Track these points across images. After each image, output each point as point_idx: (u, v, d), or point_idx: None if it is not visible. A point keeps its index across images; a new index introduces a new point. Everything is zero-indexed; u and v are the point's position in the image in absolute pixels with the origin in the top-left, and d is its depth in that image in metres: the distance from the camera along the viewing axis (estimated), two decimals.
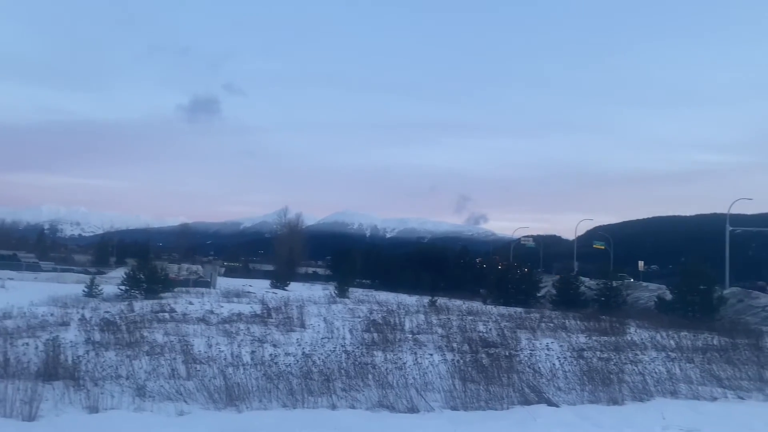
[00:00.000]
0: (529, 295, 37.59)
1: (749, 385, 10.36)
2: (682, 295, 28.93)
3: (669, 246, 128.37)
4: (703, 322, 24.00)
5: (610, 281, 35.22)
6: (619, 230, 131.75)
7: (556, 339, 15.76)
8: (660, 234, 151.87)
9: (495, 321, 19.21)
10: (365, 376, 8.72)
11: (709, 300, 28.15)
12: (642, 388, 9.27)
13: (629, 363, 10.73)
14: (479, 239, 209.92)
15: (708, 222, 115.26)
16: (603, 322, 20.45)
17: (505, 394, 8.33)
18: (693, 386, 9.79)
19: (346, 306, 24.88)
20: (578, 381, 9.32)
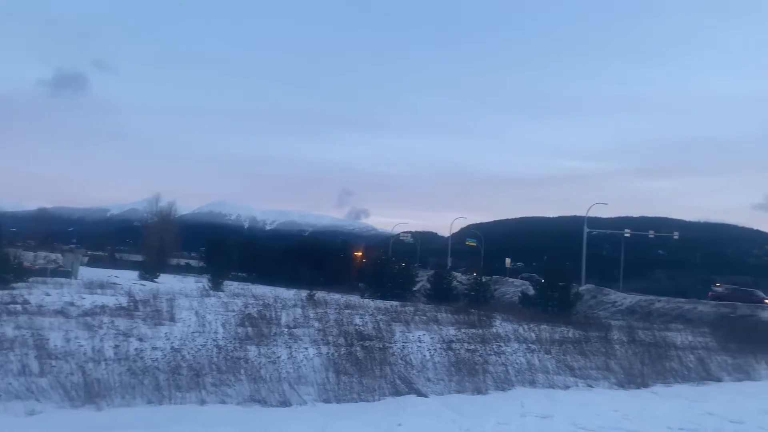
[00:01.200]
0: (405, 289, 38.66)
1: (597, 374, 11.37)
2: (543, 291, 31.06)
3: (534, 244, 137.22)
4: (561, 316, 25.93)
5: (480, 277, 37.04)
6: (490, 229, 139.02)
7: (428, 331, 16.32)
8: (527, 233, 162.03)
9: (371, 314, 19.53)
10: (237, 371, 8.53)
11: (566, 296, 30.46)
12: (504, 378, 9.85)
13: (494, 354, 11.35)
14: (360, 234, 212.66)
15: (569, 223, 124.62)
16: (472, 315, 21.47)
17: (378, 385, 8.51)
18: (549, 376, 10.56)
19: (220, 299, 24.18)
20: (446, 372, 9.72)
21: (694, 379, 11.88)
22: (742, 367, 13.51)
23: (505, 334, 16.40)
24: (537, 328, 17.25)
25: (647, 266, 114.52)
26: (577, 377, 10.90)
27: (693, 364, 12.80)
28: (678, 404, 9.29)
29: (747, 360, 14.18)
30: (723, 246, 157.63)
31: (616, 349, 13.35)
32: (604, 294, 52.94)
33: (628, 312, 43.74)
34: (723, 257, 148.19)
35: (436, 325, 18.14)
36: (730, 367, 13.31)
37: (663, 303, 46.97)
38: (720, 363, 13.47)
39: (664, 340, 15.67)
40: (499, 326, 18.79)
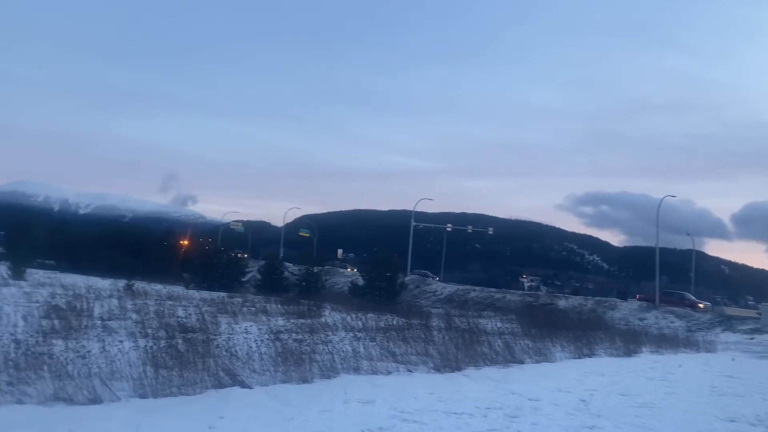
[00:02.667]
0: (234, 280, 37.66)
1: (417, 359, 12.01)
2: (371, 281, 32.12)
3: (366, 236, 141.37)
4: (387, 304, 27.02)
5: (311, 267, 37.27)
6: (323, 220, 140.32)
7: (256, 322, 16.10)
8: (359, 225, 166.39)
9: (196, 306, 18.77)
10: (39, 368, 7.72)
11: (393, 285, 31.80)
12: (330, 366, 10.03)
13: (321, 343, 11.50)
14: (187, 221, 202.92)
15: (398, 217, 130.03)
16: (302, 305, 21.55)
17: (200, 378, 8.21)
18: (373, 362, 10.95)
19: (22, 289, 21.70)
20: (273, 363, 9.66)
21: (501, 362, 13.02)
22: (541, 350, 15.08)
23: (333, 323, 16.69)
24: (364, 317, 17.77)
25: (465, 258, 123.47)
26: (399, 363, 11.42)
27: (500, 348, 14.03)
28: (486, 385, 10.13)
29: (545, 344, 15.85)
30: (530, 241, 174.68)
31: (435, 336, 14.21)
32: (427, 284, 56.18)
33: (447, 300, 46.85)
34: (530, 251, 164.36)
35: (264, 316, 17.94)
36: (531, 350, 14.79)
37: (477, 292, 50.98)
38: (523, 347, 14.91)
39: (476, 326, 17.00)
40: (329, 316, 19.08)
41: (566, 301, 44.39)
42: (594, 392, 9.98)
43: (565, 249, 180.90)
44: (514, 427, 7.17)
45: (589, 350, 16.49)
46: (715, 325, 33.39)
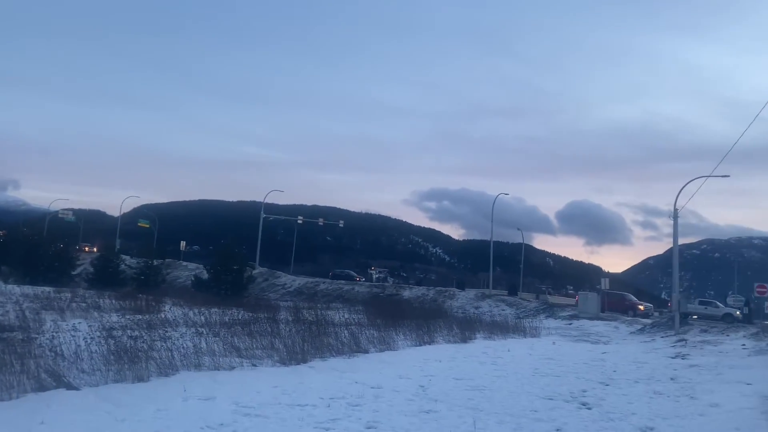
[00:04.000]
0: (62, 274, 34.49)
1: (262, 353, 11.86)
2: (217, 275, 31.07)
3: (212, 228, 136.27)
4: (233, 299, 26.32)
5: (151, 260, 35.24)
6: (166, 210, 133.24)
7: (87, 319, 14.93)
8: (205, 216, 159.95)
9: (15, 302, 16.98)
10: None
11: (240, 279, 31.02)
12: (169, 364, 9.57)
13: (159, 340, 10.95)
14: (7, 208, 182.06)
15: (247, 208, 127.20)
16: (140, 300, 20.33)
17: (17, 382, 7.45)
18: (216, 358, 10.63)
19: None
20: (104, 361, 9.03)
21: (347, 352, 13.26)
22: (385, 339, 15.59)
23: (174, 318, 15.95)
24: (208, 312, 17.20)
25: (316, 251, 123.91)
26: (243, 358, 11.20)
27: (347, 339, 14.29)
28: (331, 376, 10.27)
29: (389, 333, 16.42)
30: (379, 234, 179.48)
31: (282, 329, 14.13)
32: (276, 277, 55.53)
33: (296, 293, 46.69)
34: (379, 244, 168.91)
35: (97, 312, 16.71)
36: (376, 340, 15.24)
37: (327, 284, 51.40)
38: (368, 337, 15.31)
39: (324, 318, 17.16)
40: (169, 311, 18.19)
41: (411, 292, 46.22)
42: (432, 378, 10.52)
43: (411, 242, 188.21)
44: (356, 416, 7.35)
45: (430, 338, 17.35)
46: (540, 312, 36.65)
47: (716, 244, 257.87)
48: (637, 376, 12.22)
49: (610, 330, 27.33)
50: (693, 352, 17.43)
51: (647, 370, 13.33)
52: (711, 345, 18.83)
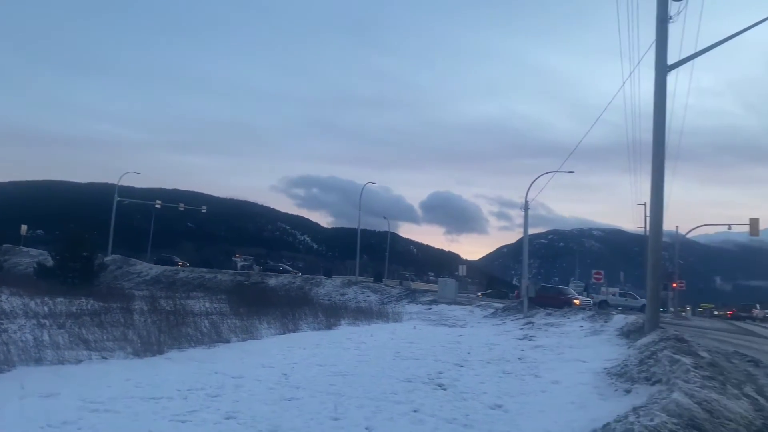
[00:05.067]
0: None
1: (114, 345, 11.16)
2: (63, 262, 28.72)
3: (60, 211, 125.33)
4: (82, 288, 24.45)
5: None
6: (4, 191, 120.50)
7: None
8: (51, 198, 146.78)
9: None
10: None
11: (90, 266, 28.89)
12: (4, 359, 8.72)
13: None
14: None
15: (100, 191, 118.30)
16: None
17: None
18: (60, 351, 9.83)
19: None
20: None
21: (207, 342, 12.85)
22: (248, 328, 15.30)
23: (11, 309, 14.53)
24: (52, 302, 15.85)
25: (177, 237, 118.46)
26: (92, 350, 10.47)
27: (207, 328, 13.84)
28: (190, 367, 9.90)
29: (252, 322, 16.14)
30: (245, 221, 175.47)
31: (136, 320, 13.38)
32: (131, 264, 52.41)
33: (153, 282, 44.37)
34: (245, 231, 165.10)
35: None
36: (239, 329, 14.91)
37: (187, 272, 49.41)
38: (230, 326, 14.94)
39: (183, 308, 16.46)
40: (6, 301, 16.52)
41: (276, 280, 45.73)
42: (295, 365, 10.49)
43: (278, 229, 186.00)
44: (215, 406, 7.15)
45: (294, 326, 17.29)
46: (403, 298, 37.89)
47: (562, 234, 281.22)
48: (489, 357, 13.02)
49: (466, 314, 28.88)
50: (539, 333, 18.89)
51: (498, 351, 14.25)
52: (554, 327, 20.51)
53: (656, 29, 14.93)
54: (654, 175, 15.07)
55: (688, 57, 14.98)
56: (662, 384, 7.85)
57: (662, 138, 14.93)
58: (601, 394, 8.80)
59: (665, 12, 14.78)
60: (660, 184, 15.08)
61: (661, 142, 14.94)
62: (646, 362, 9.95)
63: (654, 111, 14.92)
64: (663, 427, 4.97)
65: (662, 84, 14.87)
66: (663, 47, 14.84)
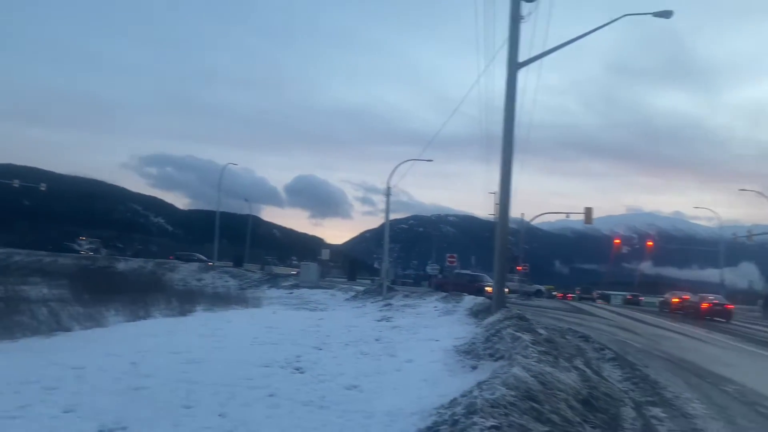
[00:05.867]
0: None
1: None
2: None
3: None
4: None
5: None
6: None
7: None
8: None
9: None
10: None
11: None
12: None
13: None
14: None
15: None
16: None
17: None
18: None
19: None
20: None
21: (44, 331, 11.82)
22: (93, 315, 14.26)
23: None
24: None
25: (11, 217, 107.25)
26: None
27: (45, 316, 12.72)
28: (24, 358, 9.07)
29: (98, 309, 15.06)
30: (91, 201, 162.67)
31: None
32: None
33: None
34: (92, 211, 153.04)
35: None
36: (82, 316, 13.84)
37: (23, 256, 45.04)
38: (72, 313, 13.83)
39: (18, 294, 15.00)
40: None
41: (126, 264, 43.08)
42: (146, 353, 9.97)
43: (129, 210, 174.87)
44: (52, 399, 6.61)
45: (146, 312, 16.41)
46: (264, 283, 37.38)
47: (421, 219, 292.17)
48: (348, 339, 13.26)
49: (328, 298, 29.14)
50: (396, 315, 19.55)
51: (357, 333, 14.56)
52: (411, 308, 21.33)
53: (509, 28, 15.89)
54: (503, 165, 16.11)
55: (537, 56, 16.14)
56: (504, 360, 8.48)
57: (511, 131, 15.98)
58: (450, 370, 9.31)
59: (518, 12, 15.77)
60: (508, 174, 16.15)
61: (510, 134, 15.98)
62: (492, 339, 10.68)
63: (505, 105, 15.92)
64: (502, 400, 5.37)
65: (513, 80, 15.89)
66: (515, 45, 15.84)
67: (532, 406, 5.53)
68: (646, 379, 9.56)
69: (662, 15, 15.51)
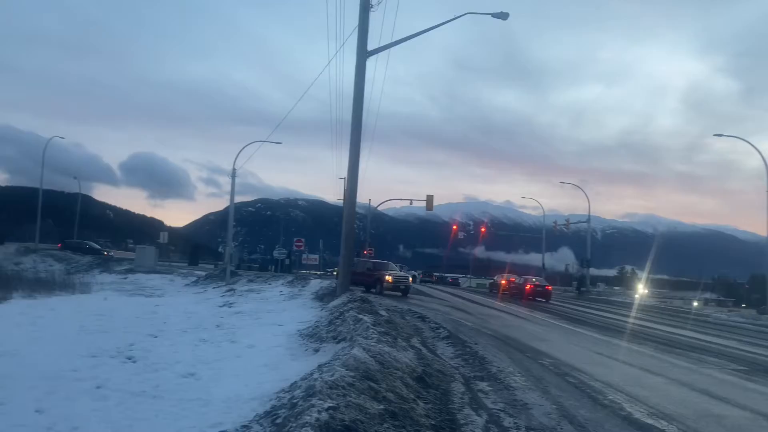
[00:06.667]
0: None
1: None
2: None
3: None
4: None
5: None
6: None
7: None
8: None
9: None
10: None
11: None
12: None
13: None
14: None
15: None
16: None
17: None
18: None
19: None
20: None
21: None
22: None
23: None
24: None
25: None
26: None
27: None
28: None
29: None
30: None
31: None
32: None
33: None
34: None
35: None
36: None
37: None
38: None
39: None
40: None
41: None
42: None
43: None
44: None
45: None
46: (94, 267, 34.63)
47: (269, 203, 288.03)
48: (186, 326, 12.76)
49: (166, 283, 27.78)
50: (239, 300, 19.15)
51: (196, 319, 14.05)
52: (255, 293, 21.01)
53: (359, 16, 16.10)
54: (351, 151, 16.36)
55: (385, 45, 16.53)
56: (346, 341, 8.67)
57: (360, 118, 16.26)
58: (293, 354, 9.33)
59: (367, 0, 16.02)
60: (356, 160, 16.44)
61: (358, 121, 16.26)
62: (335, 322, 10.87)
63: (354, 92, 16.14)
64: (341, 381, 5.48)
65: (362, 67, 16.15)
66: (364, 33, 16.09)
67: (370, 385, 5.71)
68: (475, 355, 10.28)
69: (500, 16, 16.60)
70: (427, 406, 6.17)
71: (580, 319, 21.07)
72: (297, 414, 4.65)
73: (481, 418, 6.09)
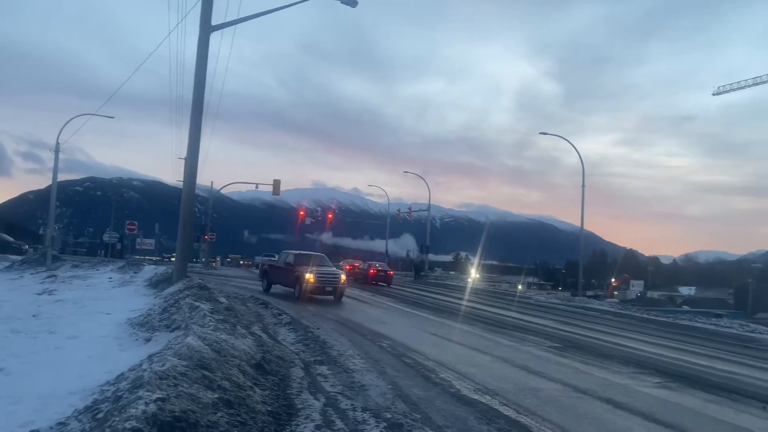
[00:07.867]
0: None
1: None
2: None
3: None
4: None
5: None
6: None
7: None
8: None
9: None
10: None
11: None
12: None
13: None
14: None
15: None
16: None
17: None
18: None
19: None
20: None
21: None
22: None
23: None
24: None
25: None
26: None
27: None
28: None
29: None
30: None
31: None
32: None
33: None
34: None
35: None
36: None
37: None
38: None
39: None
40: None
41: None
42: None
43: None
44: None
45: None
46: None
47: (100, 182, 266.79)
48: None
49: None
50: (62, 287, 17.51)
51: (9, 308, 12.62)
52: (80, 279, 19.34)
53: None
54: (192, 130, 15.59)
55: (230, 22, 15.90)
56: (180, 330, 8.27)
57: (201, 95, 15.52)
58: (121, 345, 8.72)
59: None
60: (197, 139, 15.69)
61: (200, 99, 15.51)
62: (169, 310, 10.33)
63: (196, 68, 15.37)
64: (173, 371, 5.21)
65: (205, 42, 15.40)
66: (208, 6, 15.35)
67: (204, 374, 5.50)
68: (316, 340, 10.33)
69: (349, 3, 16.63)
70: (265, 393, 6.08)
71: (418, 302, 22.06)
72: (121, 407, 4.34)
73: (319, 401, 6.14)
